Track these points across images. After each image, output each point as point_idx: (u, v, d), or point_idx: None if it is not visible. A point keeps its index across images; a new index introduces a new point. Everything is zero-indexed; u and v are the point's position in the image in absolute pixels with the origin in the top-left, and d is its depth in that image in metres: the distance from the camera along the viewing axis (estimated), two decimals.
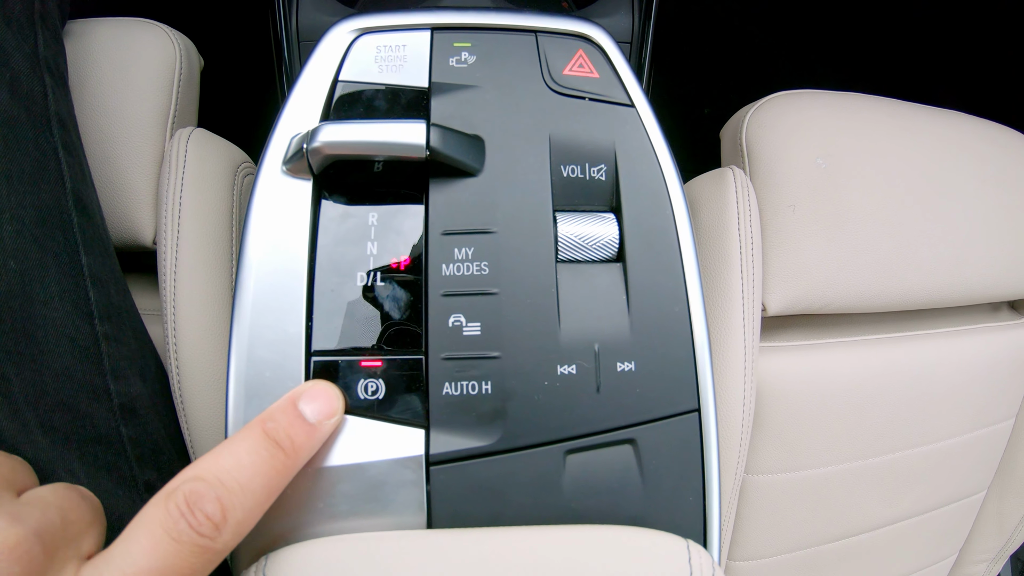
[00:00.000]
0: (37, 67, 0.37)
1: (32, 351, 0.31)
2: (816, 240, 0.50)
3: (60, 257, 0.34)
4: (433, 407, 0.26)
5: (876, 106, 0.55)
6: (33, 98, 0.35)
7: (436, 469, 0.26)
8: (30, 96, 0.35)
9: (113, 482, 0.35)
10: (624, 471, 0.26)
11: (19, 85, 0.34)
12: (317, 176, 0.29)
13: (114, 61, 0.44)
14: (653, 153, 0.30)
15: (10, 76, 0.34)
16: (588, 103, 0.30)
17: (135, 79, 0.45)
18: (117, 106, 0.44)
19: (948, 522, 0.64)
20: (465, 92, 0.30)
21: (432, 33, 0.32)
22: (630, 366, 0.27)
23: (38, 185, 0.34)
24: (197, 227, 0.41)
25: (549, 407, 0.26)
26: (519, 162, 0.29)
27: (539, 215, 0.28)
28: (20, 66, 0.35)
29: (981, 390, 0.59)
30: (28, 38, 0.37)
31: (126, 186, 0.43)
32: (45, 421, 0.31)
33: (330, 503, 0.25)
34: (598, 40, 0.32)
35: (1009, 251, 0.56)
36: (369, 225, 0.29)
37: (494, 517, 0.25)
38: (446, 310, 0.27)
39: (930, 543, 0.64)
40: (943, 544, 0.65)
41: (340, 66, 0.31)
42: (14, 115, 0.33)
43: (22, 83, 0.35)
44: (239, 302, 0.27)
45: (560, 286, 0.27)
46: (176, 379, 0.40)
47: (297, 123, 0.30)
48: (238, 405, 0.26)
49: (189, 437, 0.40)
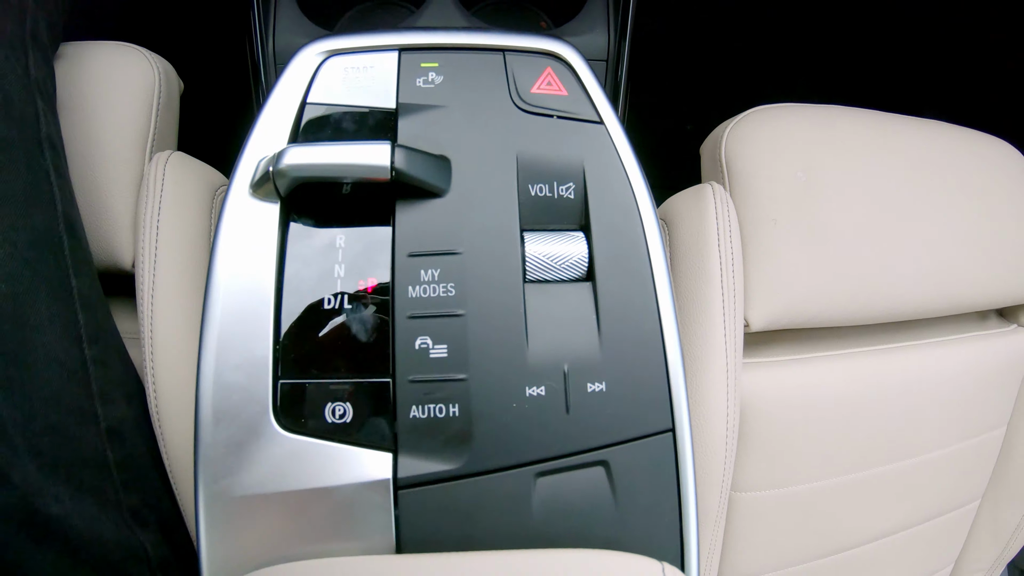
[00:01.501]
0: (29, 89, 0.37)
1: (22, 376, 0.31)
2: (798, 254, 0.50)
3: (51, 281, 0.35)
4: (401, 430, 0.26)
5: (855, 118, 0.55)
6: (26, 121, 0.36)
7: (404, 493, 0.25)
8: (23, 119, 0.35)
9: (98, 507, 0.35)
10: (596, 493, 0.26)
11: (12, 107, 0.34)
12: (284, 199, 0.29)
13: (94, 85, 0.44)
14: (623, 170, 0.30)
15: (3, 98, 0.34)
16: (556, 121, 0.30)
17: (115, 103, 0.45)
18: (97, 129, 0.44)
19: (943, 533, 0.63)
20: (432, 112, 0.30)
21: (400, 54, 0.32)
22: (601, 386, 0.26)
23: (31, 208, 0.34)
24: (175, 250, 0.41)
25: (518, 429, 0.26)
26: (486, 182, 0.29)
27: (506, 235, 0.28)
28: (13, 88, 0.35)
29: (971, 399, 0.58)
30: (20, 59, 0.37)
31: (106, 209, 0.43)
32: (33, 445, 0.31)
33: (299, 526, 0.25)
34: (566, 57, 0.32)
35: (994, 258, 0.56)
36: (337, 247, 0.29)
37: (463, 541, 0.25)
38: (413, 332, 0.27)
39: (926, 554, 0.63)
40: (939, 555, 0.64)
41: (308, 88, 0.31)
42: (8, 137, 0.34)
43: (15, 105, 0.35)
44: (207, 325, 0.27)
45: (528, 306, 0.27)
46: (154, 401, 0.40)
47: (265, 145, 0.30)
48: (206, 428, 0.26)
49: (167, 460, 0.40)
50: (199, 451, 0.26)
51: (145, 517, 0.38)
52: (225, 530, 0.26)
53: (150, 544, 0.37)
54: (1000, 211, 0.58)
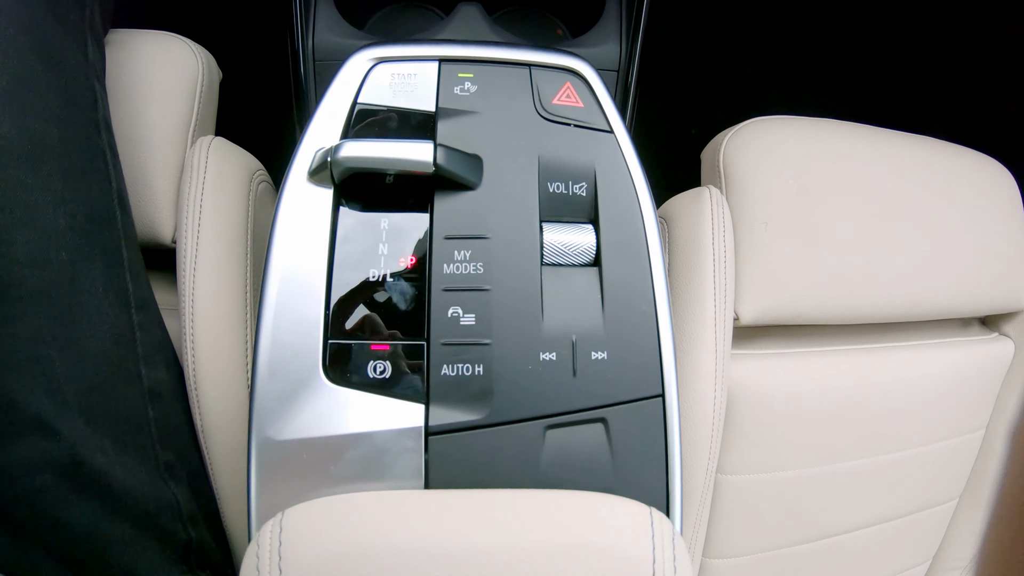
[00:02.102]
0: (87, 73, 0.39)
1: (76, 336, 0.34)
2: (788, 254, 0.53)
3: (106, 250, 0.37)
4: (432, 385, 0.30)
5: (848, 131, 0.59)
6: (85, 103, 0.38)
7: (434, 439, 0.30)
8: (83, 101, 0.38)
9: (137, 459, 0.38)
10: (596, 446, 0.30)
11: (73, 89, 0.37)
12: (338, 185, 0.33)
13: (142, 71, 0.47)
14: (628, 173, 0.34)
15: (65, 81, 0.36)
16: (573, 129, 0.35)
17: (161, 89, 0.47)
18: (144, 113, 0.47)
19: (921, 528, 0.66)
20: (467, 117, 0.35)
21: (440, 64, 0.36)
22: (603, 355, 0.31)
23: (89, 184, 0.37)
24: (216, 229, 0.44)
25: (532, 388, 0.30)
26: (512, 179, 0.33)
27: (527, 224, 0.33)
28: (74, 72, 0.37)
29: (952, 401, 0.61)
30: (80, 45, 0.39)
31: (149, 187, 0.46)
32: (82, 401, 0.34)
33: (340, 466, 0.29)
34: (584, 73, 0.36)
35: (977, 269, 0.59)
36: (381, 229, 0.33)
37: (482, 481, 0.29)
38: (446, 303, 0.31)
39: (904, 548, 0.66)
40: (917, 550, 0.67)
41: (359, 90, 0.36)
42: (70, 118, 0.36)
43: (75, 88, 0.37)
44: (267, 290, 0.31)
45: (544, 285, 0.32)
46: (192, 370, 0.42)
47: (320, 139, 0.35)
48: (263, 381, 0.30)
49: (201, 423, 0.43)
50: (254, 400, 0.31)
51: (177, 472, 0.41)
52: (275, 469, 0.30)
53: (181, 497, 0.40)
54: (985, 225, 0.60)
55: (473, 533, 0.27)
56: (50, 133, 0.34)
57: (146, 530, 0.38)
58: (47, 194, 0.33)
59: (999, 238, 0.60)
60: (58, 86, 0.35)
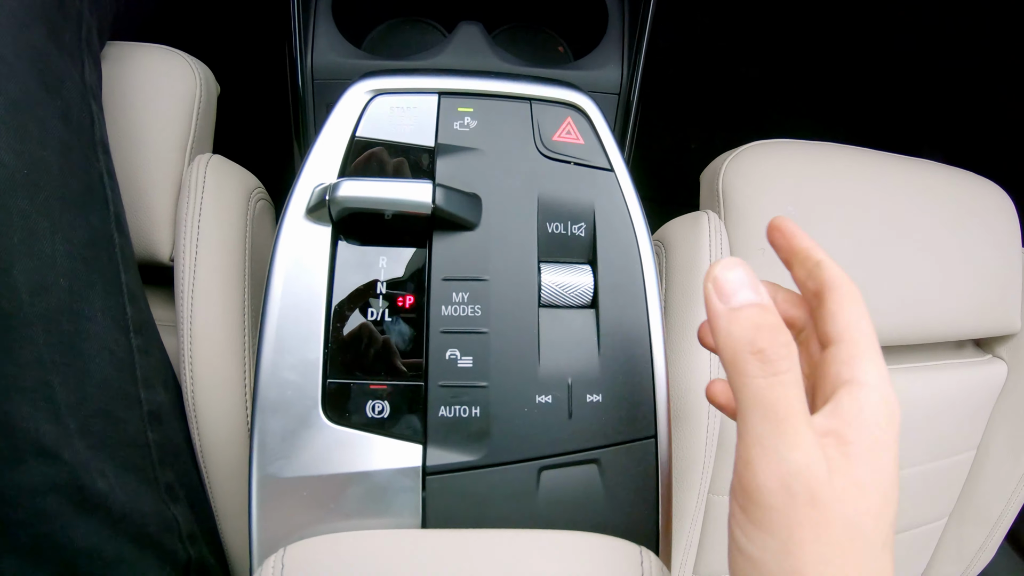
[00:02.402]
0: (85, 95, 0.38)
1: (76, 363, 0.34)
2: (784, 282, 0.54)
3: (104, 275, 0.37)
4: (430, 426, 0.31)
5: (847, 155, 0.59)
6: (83, 126, 0.37)
7: (431, 479, 0.30)
8: (80, 124, 0.37)
9: (138, 481, 0.38)
10: (589, 486, 0.31)
11: (71, 113, 0.36)
12: (335, 222, 0.34)
13: (138, 87, 0.46)
14: (627, 213, 0.34)
15: (63, 105, 0.35)
16: (573, 167, 0.35)
17: (158, 106, 0.46)
18: (140, 130, 0.46)
19: (910, 547, 0.67)
20: (466, 154, 0.35)
21: (439, 98, 0.36)
22: (598, 398, 0.31)
23: (88, 209, 0.36)
24: (214, 247, 0.44)
25: (527, 430, 0.31)
26: (511, 219, 0.34)
27: (526, 266, 0.33)
28: (72, 94, 0.36)
29: (944, 422, 0.62)
30: (77, 66, 0.38)
31: (146, 205, 0.45)
32: (83, 426, 0.34)
33: (340, 503, 0.30)
34: (585, 108, 0.37)
35: (973, 292, 0.59)
36: (379, 267, 0.33)
37: (478, 520, 0.30)
38: (444, 345, 0.32)
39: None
40: (905, 569, 0.68)
41: (357, 123, 0.36)
42: (69, 142, 0.35)
43: (73, 111, 0.36)
44: (266, 330, 0.32)
45: (541, 327, 0.32)
46: (190, 389, 0.42)
47: (318, 174, 0.35)
48: (263, 419, 0.31)
49: (199, 442, 0.43)
50: (255, 437, 0.31)
51: (177, 492, 0.41)
52: (274, 507, 0.30)
53: (181, 517, 0.41)
54: (982, 248, 0.61)
55: (469, 573, 0.27)
56: (49, 159, 0.33)
57: (147, 549, 0.38)
58: (45, 220, 0.33)
59: (995, 261, 0.60)
60: (56, 110, 0.35)
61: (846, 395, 0.25)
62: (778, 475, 0.22)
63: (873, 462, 0.23)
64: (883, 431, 0.24)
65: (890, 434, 0.24)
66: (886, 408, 0.25)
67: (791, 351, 0.24)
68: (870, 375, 0.25)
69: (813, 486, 0.22)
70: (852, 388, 0.25)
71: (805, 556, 0.22)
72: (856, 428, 0.24)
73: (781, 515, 0.22)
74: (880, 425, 0.24)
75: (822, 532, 0.22)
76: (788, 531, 0.22)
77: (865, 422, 0.24)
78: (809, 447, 0.23)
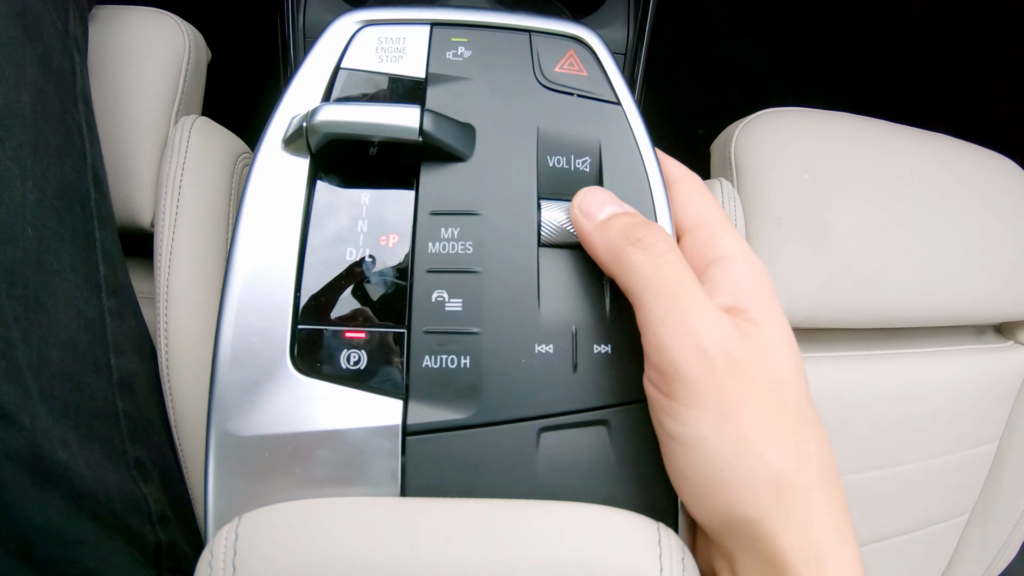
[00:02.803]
0: (68, 44, 0.37)
1: (40, 319, 0.32)
2: (800, 253, 0.51)
3: (76, 230, 0.35)
4: (412, 379, 0.27)
5: (863, 126, 0.56)
6: (63, 75, 0.36)
7: (412, 439, 0.26)
8: (60, 72, 0.36)
9: (104, 454, 0.35)
10: (597, 451, 0.27)
11: (50, 60, 0.35)
12: (314, 155, 0.30)
13: (125, 48, 0.46)
14: (637, 149, 0.31)
15: (42, 50, 0.34)
16: (576, 99, 0.32)
17: (145, 67, 0.46)
18: (126, 91, 0.45)
19: (929, 545, 0.63)
20: (459, 83, 0.32)
21: (431, 28, 0.33)
22: (607, 348, 0.28)
23: (62, 159, 0.35)
24: (195, 212, 0.42)
25: (525, 384, 0.27)
26: (507, 150, 0.30)
27: (524, 201, 0.29)
28: (52, 42, 0.35)
29: (964, 412, 0.59)
30: (61, 16, 0.37)
31: (129, 168, 0.44)
32: (46, 389, 0.32)
33: (307, 468, 0.26)
34: (589, 42, 0.33)
35: (993, 274, 0.57)
36: (361, 204, 0.30)
37: (467, 489, 0.26)
38: (430, 285, 0.28)
39: (910, 566, 0.63)
40: (924, 567, 0.64)
41: (342, 55, 0.33)
42: (45, 89, 0.34)
43: (53, 59, 0.35)
44: (232, 269, 0.28)
45: (541, 269, 0.28)
46: (164, 359, 0.40)
47: (298, 106, 0.32)
48: (223, 368, 0.27)
49: (174, 416, 0.41)
50: (214, 391, 0.27)
51: (148, 471, 0.38)
52: (233, 470, 0.26)
53: (152, 497, 0.38)
54: (1001, 228, 0.59)
55: (454, 546, 0.23)
56: (22, 102, 0.32)
57: (113, 530, 0.35)
58: (15, 166, 0.31)
59: (1015, 241, 0.58)
60: (35, 55, 0.33)
61: (720, 271, 0.26)
62: (691, 345, 0.23)
63: (774, 322, 0.25)
64: (765, 291, 0.26)
65: (772, 294, 0.26)
66: (759, 274, 0.26)
67: (666, 235, 0.26)
68: (734, 248, 0.27)
69: (729, 348, 0.23)
70: (723, 263, 0.26)
71: (743, 418, 0.22)
72: (743, 295, 0.25)
73: (707, 383, 0.23)
74: (761, 287, 0.26)
75: (751, 391, 0.23)
76: (719, 398, 0.23)
77: (748, 289, 0.25)
78: (713, 314, 0.23)
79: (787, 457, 0.23)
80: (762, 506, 0.22)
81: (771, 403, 0.23)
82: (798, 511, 0.22)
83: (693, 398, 0.23)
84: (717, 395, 0.22)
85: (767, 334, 0.24)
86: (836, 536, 0.23)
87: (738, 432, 0.22)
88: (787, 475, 0.22)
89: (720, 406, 0.22)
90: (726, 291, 0.25)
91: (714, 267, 0.26)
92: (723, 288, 0.25)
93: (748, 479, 0.22)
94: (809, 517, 0.22)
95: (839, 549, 0.23)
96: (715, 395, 0.22)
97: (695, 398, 0.23)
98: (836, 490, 0.24)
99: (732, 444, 0.22)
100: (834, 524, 0.23)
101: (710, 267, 0.26)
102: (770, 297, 0.26)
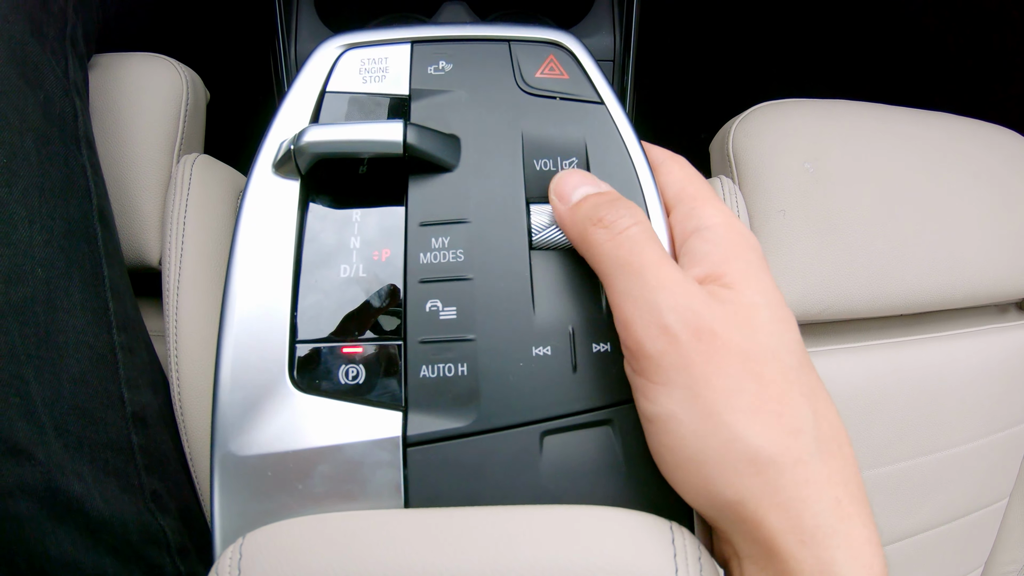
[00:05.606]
0: (68, 90, 0.38)
1: (52, 356, 0.33)
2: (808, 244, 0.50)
3: (84, 268, 0.36)
4: (411, 389, 0.27)
5: (862, 111, 0.56)
6: (64, 119, 0.37)
7: (413, 450, 0.26)
8: (62, 117, 0.37)
9: (120, 487, 0.35)
10: (603, 452, 0.26)
11: (52, 106, 0.36)
12: (304, 176, 0.30)
13: (125, 92, 0.47)
14: (623, 146, 0.31)
15: (44, 97, 0.35)
16: (559, 102, 0.32)
17: (145, 108, 0.47)
18: (128, 133, 0.46)
19: (970, 532, 0.61)
20: (442, 96, 0.32)
21: (412, 46, 0.34)
22: (606, 347, 0.27)
23: (67, 200, 0.36)
24: (200, 247, 0.43)
25: (525, 388, 0.27)
26: (493, 157, 0.30)
27: (512, 205, 0.29)
28: (53, 88, 0.37)
29: (993, 393, 0.57)
30: (60, 62, 0.38)
31: (135, 208, 0.45)
32: (59, 424, 0.32)
33: (310, 484, 0.26)
34: (568, 45, 0.34)
35: (1010, 250, 0.55)
36: (353, 222, 0.30)
37: (471, 497, 0.26)
38: (423, 296, 0.28)
39: (953, 555, 0.61)
40: (967, 556, 0.62)
41: (327, 78, 0.34)
42: (48, 134, 0.35)
43: (55, 104, 0.36)
44: (229, 293, 0.28)
45: (534, 271, 0.28)
46: (177, 393, 0.41)
47: (287, 131, 0.32)
48: (225, 392, 0.27)
49: (188, 449, 0.41)
50: (216, 413, 0.27)
51: (166, 503, 0.38)
52: (237, 490, 0.26)
53: (170, 529, 0.38)
54: (1013, 201, 0.57)
55: (462, 555, 0.23)
56: (27, 147, 0.33)
57: (131, 563, 0.35)
58: (23, 208, 0.32)
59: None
60: (37, 102, 0.35)
61: (698, 241, 0.26)
62: (653, 321, 0.22)
63: (752, 286, 0.24)
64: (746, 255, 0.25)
65: (757, 255, 0.25)
66: (740, 236, 0.25)
67: (633, 211, 0.25)
68: (714, 217, 0.26)
69: (691, 320, 0.22)
70: (701, 232, 0.26)
71: (713, 392, 0.21)
72: (721, 262, 0.24)
73: (671, 358, 0.22)
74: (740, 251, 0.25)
75: (723, 362, 0.22)
76: (685, 372, 0.22)
77: (726, 254, 0.25)
78: (674, 286, 0.23)
79: (768, 431, 0.21)
80: (742, 486, 0.21)
81: (748, 373, 0.22)
82: (786, 489, 0.21)
83: (660, 375, 0.22)
84: (684, 369, 0.22)
85: (745, 298, 0.23)
86: (836, 514, 0.21)
87: (708, 408, 0.21)
88: (767, 450, 0.21)
89: (688, 381, 0.22)
90: (703, 260, 0.25)
91: (693, 238, 0.26)
92: (700, 258, 0.25)
93: (723, 457, 0.21)
94: (801, 494, 0.21)
95: (840, 527, 0.21)
96: (682, 369, 0.22)
97: (662, 374, 0.22)
98: (839, 462, 0.22)
99: (702, 420, 0.21)
100: (834, 500, 0.21)
101: (689, 238, 0.26)
102: (752, 261, 0.25)
